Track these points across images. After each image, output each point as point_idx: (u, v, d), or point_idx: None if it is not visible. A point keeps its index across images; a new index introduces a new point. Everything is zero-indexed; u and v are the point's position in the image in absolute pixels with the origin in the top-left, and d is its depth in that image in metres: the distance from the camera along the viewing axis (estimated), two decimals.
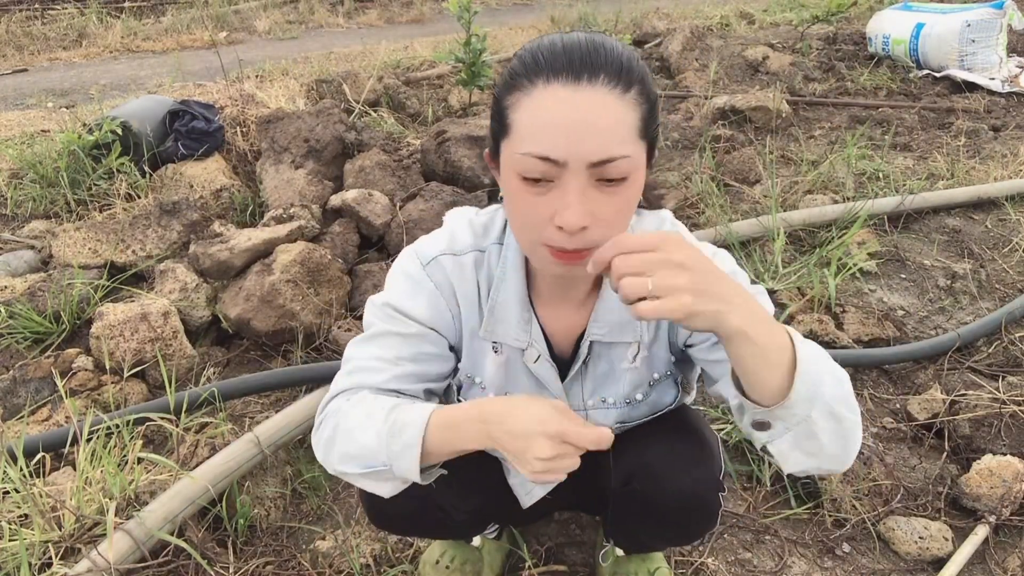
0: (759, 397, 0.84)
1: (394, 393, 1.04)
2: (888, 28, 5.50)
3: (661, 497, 1.10)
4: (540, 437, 0.85)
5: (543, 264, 0.93)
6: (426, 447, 0.93)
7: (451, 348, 1.11)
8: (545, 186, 0.86)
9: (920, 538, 1.59)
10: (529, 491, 1.26)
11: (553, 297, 1.07)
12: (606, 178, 0.84)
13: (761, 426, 0.87)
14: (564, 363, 1.12)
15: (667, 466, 1.11)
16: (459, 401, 1.19)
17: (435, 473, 1.00)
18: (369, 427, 0.96)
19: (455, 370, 1.14)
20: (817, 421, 0.84)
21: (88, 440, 1.67)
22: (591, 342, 1.08)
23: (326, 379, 1.97)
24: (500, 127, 0.90)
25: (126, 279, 2.56)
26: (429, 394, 1.09)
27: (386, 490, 1.01)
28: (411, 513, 1.14)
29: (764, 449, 0.91)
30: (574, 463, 0.87)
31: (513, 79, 0.87)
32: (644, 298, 0.75)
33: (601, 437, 0.84)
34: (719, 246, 0.96)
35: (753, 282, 1.01)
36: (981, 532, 1.60)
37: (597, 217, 0.85)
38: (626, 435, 1.18)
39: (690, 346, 1.08)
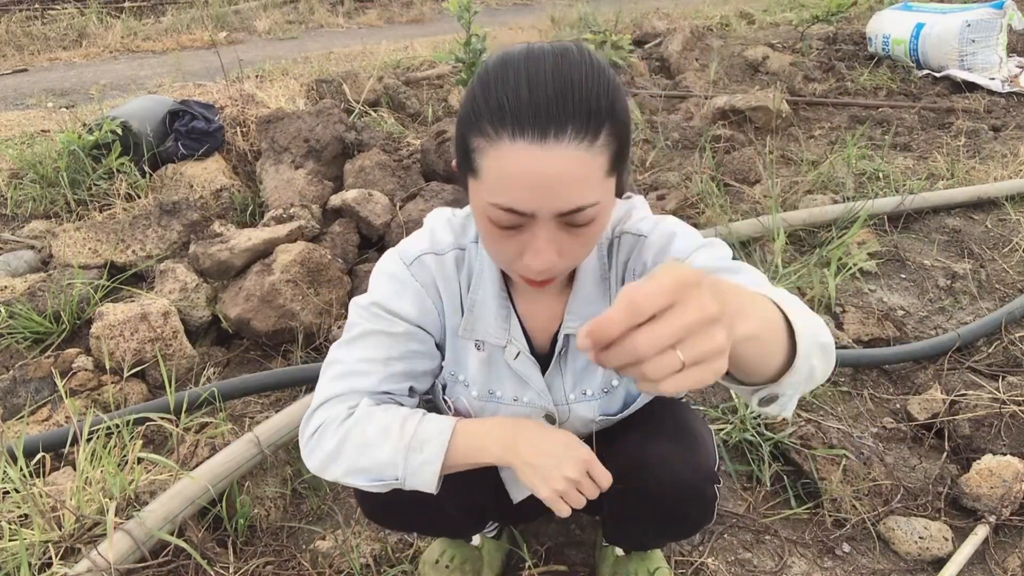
0: (764, 378, 0.76)
1: (386, 395, 1.05)
2: (888, 28, 5.50)
3: (656, 491, 1.11)
4: (571, 458, 0.94)
5: (516, 280, 0.97)
6: (446, 462, 0.97)
7: (437, 346, 1.12)
8: (515, 229, 0.86)
9: (920, 538, 1.59)
10: (521, 486, 1.27)
11: (530, 292, 1.08)
12: (574, 223, 0.85)
13: (771, 400, 0.79)
14: (546, 358, 1.12)
15: (659, 460, 1.11)
16: (444, 400, 1.19)
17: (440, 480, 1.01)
18: (386, 441, 0.98)
19: (440, 368, 1.15)
20: (816, 365, 0.77)
21: (88, 440, 1.67)
22: (567, 335, 1.08)
23: None
24: (467, 164, 0.87)
25: (126, 279, 2.56)
26: (412, 392, 1.10)
27: (382, 490, 1.02)
28: (405, 507, 1.14)
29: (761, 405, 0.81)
30: (582, 501, 0.95)
31: (477, 120, 0.82)
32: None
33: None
34: None
35: None
36: (981, 532, 1.60)
37: (565, 253, 0.88)
38: (617, 433, 1.19)
39: None
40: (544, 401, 1.14)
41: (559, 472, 0.93)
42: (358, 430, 0.99)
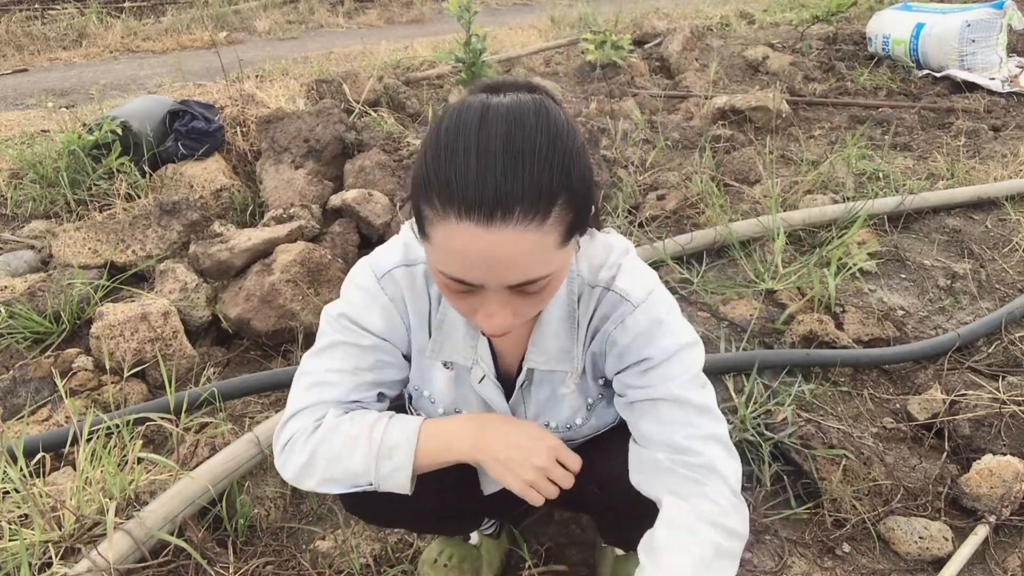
0: None
1: (355, 404, 1.06)
2: (888, 28, 5.50)
3: (635, 502, 1.08)
4: (539, 448, 0.96)
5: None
6: (416, 464, 0.99)
7: (405, 357, 1.11)
8: (467, 292, 0.86)
9: (920, 538, 1.59)
10: (491, 478, 1.26)
11: None
12: (526, 292, 0.85)
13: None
14: (511, 383, 1.11)
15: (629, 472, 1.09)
16: (411, 410, 1.20)
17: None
18: (355, 452, 1.00)
19: (407, 379, 1.15)
20: None
21: (88, 440, 1.67)
22: (530, 369, 1.07)
23: None
24: (419, 224, 0.85)
25: (126, 279, 2.56)
26: (382, 397, 1.11)
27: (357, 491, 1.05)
28: (383, 503, 1.12)
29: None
30: (554, 490, 0.97)
31: (427, 191, 0.80)
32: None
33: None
34: (719, 247, 0.96)
35: (751, 283, 1.02)
36: (981, 532, 1.60)
37: (520, 312, 0.88)
38: (592, 442, 1.18)
39: (615, 394, 1.09)
40: None
41: (528, 463, 0.97)
42: (326, 444, 1.01)
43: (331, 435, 1.01)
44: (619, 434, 1.13)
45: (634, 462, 1.04)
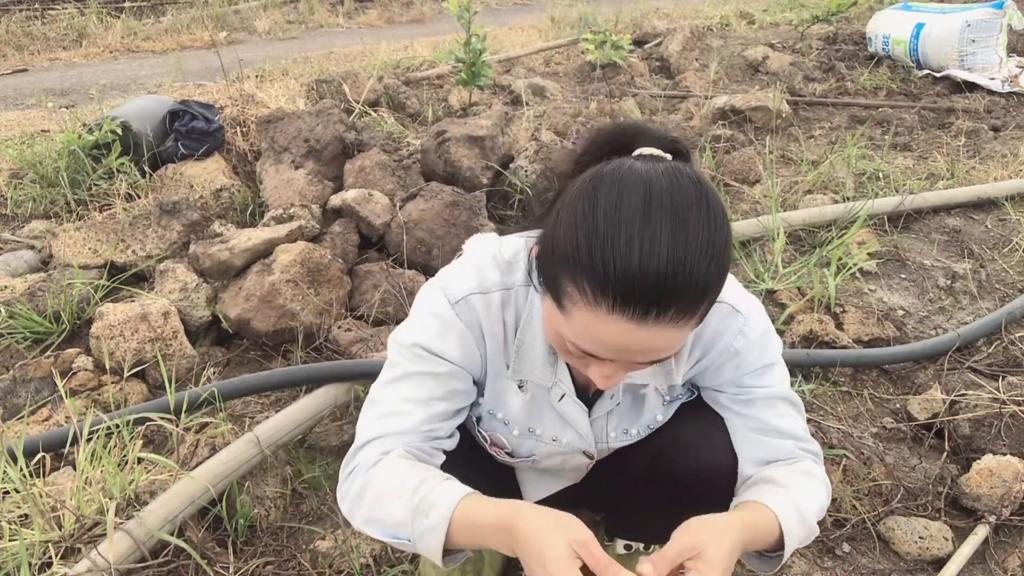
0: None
1: (428, 433, 1.03)
2: (888, 28, 5.50)
3: (686, 469, 1.13)
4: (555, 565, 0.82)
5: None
6: (449, 534, 0.91)
7: (475, 382, 1.11)
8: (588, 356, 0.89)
9: (920, 538, 1.59)
10: (535, 487, 1.27)
11: None
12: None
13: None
14: (588, 396, 1.13)
15: (691, 439, 1.14)
16: (480, 433, 1.19)
17: (460, 557, 0.98)
18: (398, 501, 0.94)
19: (476, 404, 1.14)
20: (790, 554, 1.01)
21: (88, 440, 1.67)
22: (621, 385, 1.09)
23: (326, 379, 1.97)
24: (553, 292, 0.86)
25: (126, 279, 2.56)
26: (453, 435, 1.10)
27: (399, 547, 1.01)
28: None
29: None
30: None
31: (577, 268, 0.79)
32: None
33: None
34: None
35: (751, 283, 1.04)
36: (981, 532, 1.60)
37: (632, 371, 0.93)
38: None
39: (717, 391, 1.15)
40: (585, 444, 1.15)
41: None
42: (378, 481, 0.97)
43: (384, 475, 0.97)
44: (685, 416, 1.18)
45: (758, 448, 1.11)
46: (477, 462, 1.16)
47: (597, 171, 0.83)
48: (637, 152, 0.88)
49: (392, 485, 0.95)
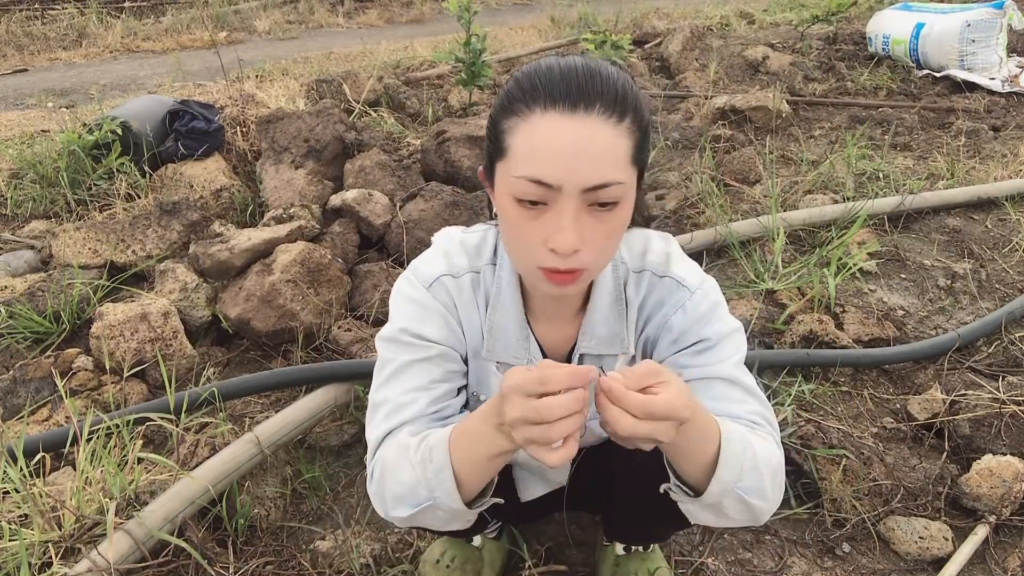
0: (681, 476, 0.94)
1: (435, 415, 1.02)
2: (888, 28, 5.50)
3: (659, 462, 1.09)
4: (512, 395, 0.78)
5: (537, 284, 0.95)
6: (456, 468, 0.90)
7: (464, 361, 1.12)
8: (539, 209, 0.88)
9: (920, 538, 1.59)
10: (530, 485, 1.27)
11: (546, 313, 1.09)
12: (599, 202, 0.86)
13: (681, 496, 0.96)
14: None
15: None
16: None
17: (488, 502, 0.97)
18: (404, 462, 0.94)
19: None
20: (727, 506, 0.92)
21: (88, 440, 1.67)
22: (581, 355, 1.10)
23: (326, 379, 1.97)
24: (496, 149, 0.91)
25: (126, 279, 2.56)
26: (462, 408, 1.09)
27: (456, 525, 0.99)
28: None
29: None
30: (569, 424, 0.77)
31: (511, 103, 0.88)
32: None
33: (579, 372, 0.78)
34: (719, 247, 0.98)
35: (751, 283, 1.03)
36: (981, 532, 1.61)
37: (589, 240, 0.88)
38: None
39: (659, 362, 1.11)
40: None
41: (518, 428, 0.79)
42: (388, 459, 0.97)
43: (391, 449, 0.97)
44: None
45: None
46: None
47: None
48: None
49: (396, 454, 0.96)
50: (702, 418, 0.88)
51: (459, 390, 1.09)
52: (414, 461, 0.92)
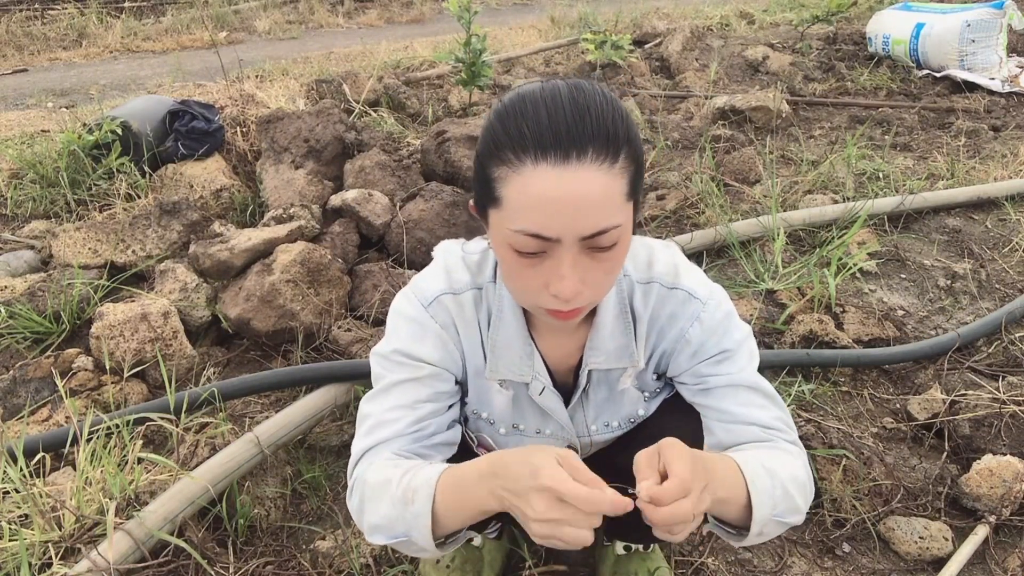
0: (721, 519, 0.96)
1: (416, 434, 1.02)
2: (888, 28, 5.50)
3: None
4: (532, 493, 0.78)
5: (539, 316, 0.96)
6: (437, 513, 0.89)
7: (458, 383, 1.11)
8: (538, 257, 0.87)
9: (920, 538, 1.59)
10: None
11: (549, 328, 1.08)
12: (597, 247, 0.86)
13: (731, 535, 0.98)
14: (565, 390, 1.13)
15: (673, 434, 1.11)
16: (467, 434, 1.19)
17: (461, 538, 0.97)
18: (385, 496, 0.93)
19: (463, 403, 1.15)
20: (768, 532, 0.96)
21: (88, 440, 1.67)
22: (590, 370, 1.09)
23: (326, 379, 1.97)
24: (487, 196, 0.88)
25: (126, 279, 2.56)
26: (452, 423, 1.09)
27: (426, 556, 1.00)
28: None
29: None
30: (581, 536, 0.77)
31: (498, 149, 0.84)
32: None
33: (615, 504, 0.76)
34: (719, 247, 0.98)
35: (751, 283, 1.03)
36: (981, 532, 1.60)
37: (589, 282, 0.88)
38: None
39: (680, 383, 1.12)
40: (567, 435, 1.16)
41: (528, 516, 0.79)
42: (368, 486, 0.97)
43: (373, 476, 0.97)
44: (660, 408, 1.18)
45: (724, 435, 1.06)
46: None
47: None
48: None
49: (378, 482, 0.95)
50: (720, 469, 0.90)
51: (449, 407, 1.08)
52: (395, 497, 0.92)
